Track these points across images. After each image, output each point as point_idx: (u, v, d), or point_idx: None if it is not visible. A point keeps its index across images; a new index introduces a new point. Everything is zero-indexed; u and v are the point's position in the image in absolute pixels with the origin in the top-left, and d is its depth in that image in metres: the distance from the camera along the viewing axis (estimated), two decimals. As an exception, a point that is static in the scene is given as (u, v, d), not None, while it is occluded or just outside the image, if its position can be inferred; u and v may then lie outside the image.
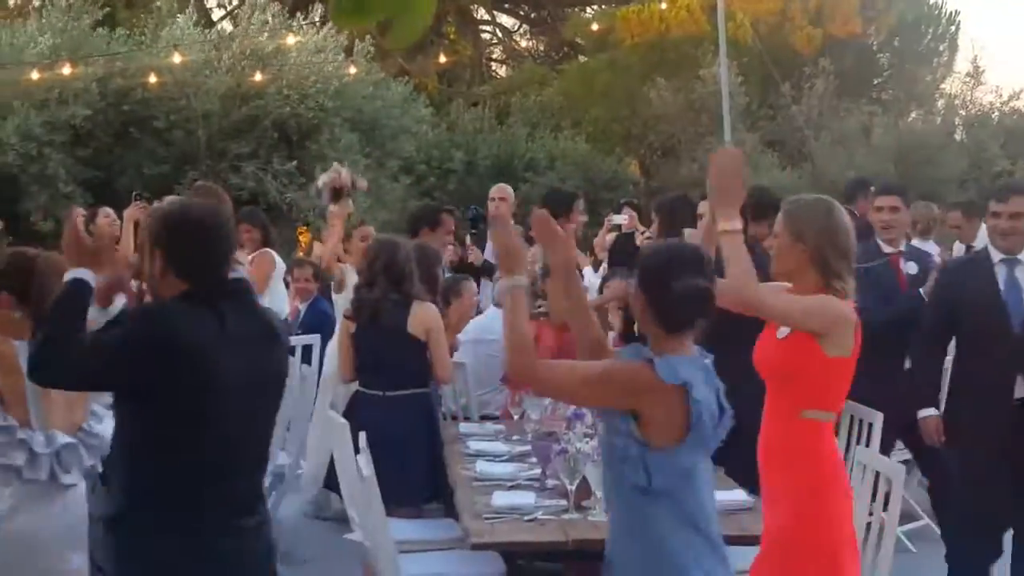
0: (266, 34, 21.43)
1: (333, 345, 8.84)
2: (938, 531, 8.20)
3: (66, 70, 18.85)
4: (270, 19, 21.69)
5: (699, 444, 4.09)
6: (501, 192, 10.95)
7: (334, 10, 2.26)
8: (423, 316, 7.30)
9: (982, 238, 8.82)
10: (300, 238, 20.99)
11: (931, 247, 10.61)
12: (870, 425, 6.89)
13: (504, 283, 4.15)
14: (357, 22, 2.23)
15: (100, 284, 4.30)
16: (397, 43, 2.33)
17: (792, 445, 4.75)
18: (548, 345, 7.93)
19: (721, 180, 4.60)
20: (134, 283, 5.38)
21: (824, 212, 4.73)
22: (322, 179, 9.97)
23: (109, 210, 12.08)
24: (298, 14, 23.10)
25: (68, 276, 4.14)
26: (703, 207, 7.33)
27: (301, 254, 19.09)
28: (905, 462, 7.75)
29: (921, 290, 7.49)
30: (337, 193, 9.68)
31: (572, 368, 4.26)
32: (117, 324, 4.12)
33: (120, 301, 4.80)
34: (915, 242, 10.80)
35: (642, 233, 10.70)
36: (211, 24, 22.88)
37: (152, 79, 19.53)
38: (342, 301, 8.70)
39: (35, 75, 18.64)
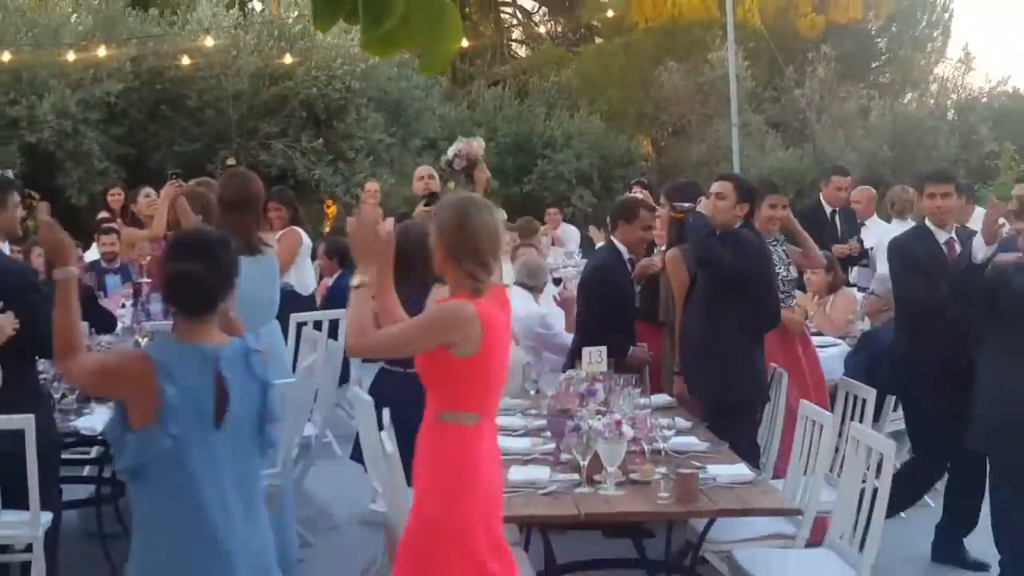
0: (294, 14, 21.97)
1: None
2: (926, 499, 8.51)
3: (101, 50, 19.37)
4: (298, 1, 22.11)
5: (178, 425, 4.04)
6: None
7: (364, 38, 2.35)
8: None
9: (976, 220, 8.95)
10: (327, 211, 21.63)
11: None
12: (863, 401, 7.30)
13: (57, 274, 4.25)
14: (387, 52, 2.36)
15: None
16: (427, 70, 2.51)
17: (431, 451, 4.82)
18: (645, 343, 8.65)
19: (359, 236, 4.85)
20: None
21: (456, 214, 4.79)
22: (451, 151, 10.43)
23: (150, 190, 12.51)
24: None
25: None
26: (715, 186, 7.63)
27: (327, 228, 19.79)
28: (894, 434, 8.18)
29: None
30: (471, 164, 10.17)
31: (95, 360, 4.38)
32: None
33: None
34: (894, 222, 11.24)
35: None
36: (241, 5, 23.26)
37: (185, 60, 20.07)
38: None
39: (71, 55, 19.17)
